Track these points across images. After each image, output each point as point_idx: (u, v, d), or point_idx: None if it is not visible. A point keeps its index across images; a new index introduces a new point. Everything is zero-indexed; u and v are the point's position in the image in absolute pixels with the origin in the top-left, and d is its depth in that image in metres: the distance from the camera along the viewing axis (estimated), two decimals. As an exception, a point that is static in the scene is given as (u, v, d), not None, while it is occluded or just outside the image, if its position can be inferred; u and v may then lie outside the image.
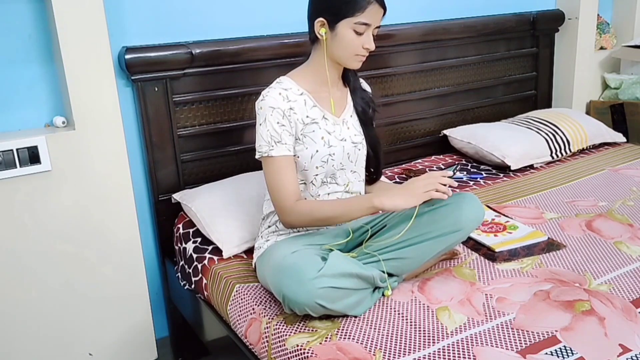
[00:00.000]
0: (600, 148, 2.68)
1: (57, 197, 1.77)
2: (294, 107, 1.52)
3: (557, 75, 3.04)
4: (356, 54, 1.53)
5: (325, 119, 1.58)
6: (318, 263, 1.37)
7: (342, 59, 1.55)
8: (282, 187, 1.50)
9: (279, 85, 1.54)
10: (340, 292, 1.34)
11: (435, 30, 2.54)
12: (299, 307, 1.33)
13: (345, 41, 1.50)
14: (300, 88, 1.56)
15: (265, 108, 1.50)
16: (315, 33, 1.53)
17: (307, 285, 1.31)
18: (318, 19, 1.51)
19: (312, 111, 1.56)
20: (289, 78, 1.58)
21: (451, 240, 1.50)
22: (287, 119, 1.51)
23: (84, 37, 1.72)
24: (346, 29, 1.49)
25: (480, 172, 2.41)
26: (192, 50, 1.97)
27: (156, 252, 2.15)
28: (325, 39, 1.52)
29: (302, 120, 1.54)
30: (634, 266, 1.58)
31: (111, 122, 1.81)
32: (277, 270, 1.40)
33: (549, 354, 1.22)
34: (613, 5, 3.27)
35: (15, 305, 1.77)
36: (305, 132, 1.54)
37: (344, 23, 1.48)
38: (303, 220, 1.52)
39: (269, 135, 1.49)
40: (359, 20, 1.48)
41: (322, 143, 1.55)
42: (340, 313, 1.37)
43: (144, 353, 2.02)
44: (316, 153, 1.55)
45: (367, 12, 1.48)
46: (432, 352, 1.25)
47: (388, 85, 2.50)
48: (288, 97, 1.52)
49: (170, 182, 2.06)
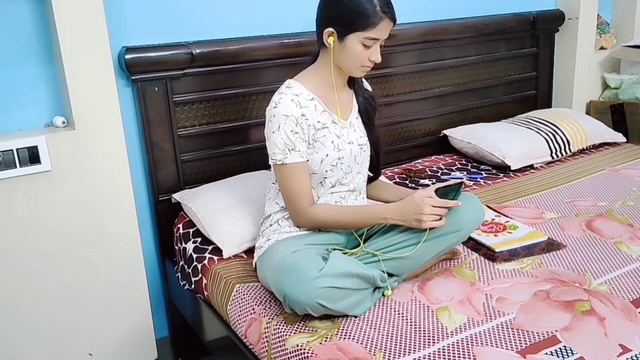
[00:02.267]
0: (600, 148, 2.68)
1: (57, 197, 1.77)
2: (306, 112, 1.52)
3: (557, 75, 3.04)
4: (362, 65, 1.53)
5: (334, 123, 1.58)
6: (319, 263, 1.38)
7: (347, 69, 1.55)
8: (296, 193, 1.52)
9: (290, 91, 1.53)
10: (341, 292, 1.34)
11: (435, 30, 2.54)
12: (299, 306, 1.34)
13: (352, 53, 1.50)
14: (310, 93, 1.56)
15: (278, 116, 1.49)
16: (323, 41, 1.52)
17: (308, 284, 1.32)
18: (327, 28, 1.49)
19: (322, 116, 1.56)
20: (298, 82, 1.57)
21: (451, 240, 1.51)
22: (300, 126, 1.51)
23: (84, 37, 1.71)
24: (355, 42, 1.48)
25: (480, 172, 2.41)
26: (192, 50, 1.96)
27: (156, 252, 2.15)
28: (332, 47, 1.51)
29: (313, 126, 1.54)
30: (634, 266, 1.58)
31: (111, 122, 1.81)
32: (278, 269, 1.41)
33: (549, 354, 1.22)
34: (613, 5, 3.27)
35: (16, 305, 1.77)
36: (316, 136, 1.55)
37: (354, 36, 1.47)
38: (317, 224, 1.56)
39: (282, 143, 1.49)
40: (369, 36, 1.47)
41: (332, 147, 1.56)
42: (340, 313, 1.37)
43: (144, 353, 2.02)
44: (326, 157, 1.55)
45: (377, 27, 1.46)
46: (432, 352, 1.25)
47: (388, 85, 2.50)
48: (300, 103, 1.52)
49: (170, 182, 2.06)
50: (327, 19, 1.50)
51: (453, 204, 1.45)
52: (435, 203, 1.44)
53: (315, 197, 1.59)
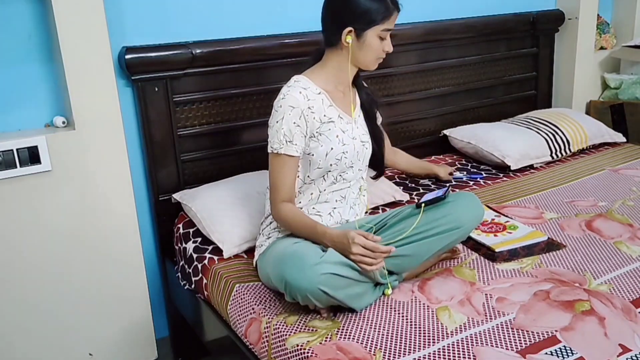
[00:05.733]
0: (600, 148, 2.67)
1: (57, 197, 1.77)
2: (313, 105, 1.56)
3: (557, 75, 3.04)
4: (378, 57, 1.61)
5: (340, 117, 1.62)
6: (319, 252, 1.41)
7: (365, 63, 1.61)
8: (278, 184, 1.56)
9: (298, 84, 1.57)
10: (342, 280, 1.36)
11: (435, 30, 2.54)
12: (301, 293, 1.34)
13: (372, 48, 1.57)
14: (318, 87, 1.59)
15: (285, 106, 1.53)
16: (341, 40, 1.56)
17: (308, 270, 1.33)
18: (347, 28, 1.54)
19: (329, 110, 1.59)
20: (305, 77, 1.61)
21: (451, 238, 1.52)
22: (304, 119, 1.54)
23: (84, 37, 1.72)
24: (373, 37, 1.55)
25: (480, 172, 2.41)
26: (193, 50, 1.96)
27: (156, 252, 2.15)
28: (350, 45, 1.56)
29: (319, 119, 1.57)
30: (634, 266, 1.58)
31: (111, 122, 1.81)
32: (279, 259, 1.43)
33: (549, 354, 1.22)
34: (613, 5, 3.27)
35: (15, 304, 1.77)
36: (321, 130, 1.57)
37: (372, 31, 1.54)
38: (281, 222, 1.58)
39: (282, 133, 1.52)
40: (385, 27, 1.55)
41: (337, 141, 1.59)
42: (342, 302, 1.37)
43: (144, 353, 2.02)
44: (331, 151, 1.57)
45: (391, 19, 1.55)
46: (432, 352, 1.26)
47: (388, 85, 2.50)
48: (307, 96, 1.55)
49: (171, 182, 2.06)
50: (345, 19, 1.55)
51: (386, 249, 1.39)
52: (365, 245, 1.38)
53: (316, 191, 1.62)
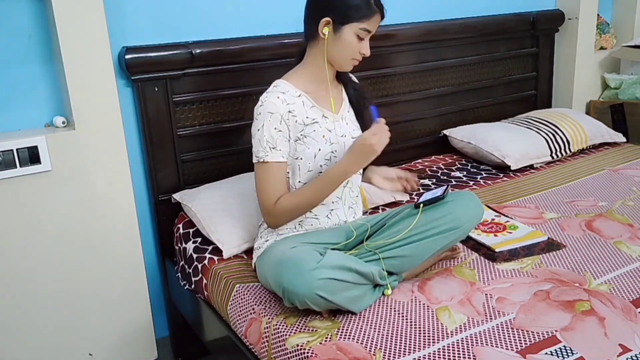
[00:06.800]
0: (600, 148, 2.68)
1: (57, 197, 1.77)
2: (293, 109, 1.54)
3: (557, 75, 3.04)
4: (352, 58, 1.57)
5: (324, 117, 1.59)
6: (317, 256, 1.39)
7: (339, 61, 1.57)
8: (267, 191, 1.54)
9: (277, 89, 1.56)
10: (340, 284, 1.35)
11: (435, 30, 2.54)
12: (298, 298, 1.33)
13: (346, 44, 1.53)
14: (298, 90, 1.58)
15: (263, 113, 1.52)
16: (318, 32, 1.53)
17: (306, 276, 1.32)
18: (324, 18, 1.52)
19: (311, 111, 1.58)
20: (284, 81, 1.59)
21: (450, 238, 1.52)
22: (284, 124, 1.52)
23: (84, 37, 1.72)
24: (350, 33, 1.52)
25: (480, 172, 2.42)
26: (192, 50, 1.96)
27: (156, 252, 2.15)
28: (327, 38, 1.53)
29: (302, 122, 1.55)
30: (634, 266, 1.58)
31: (111, 122, 1.81)
32: (277, 264, 1.42)
33: (549, 354, 1.22)
34: (613, 5, 3.27)
35: (16, 305, 1.77)
36: (305, 132, 1.55)
37: (349, 27, 1.51)
38: (288, 214, 1.56)
39: (265, 140, 1.51)
40: (364, 27, 1.52)
41: (323, 141, 1.57)
42: (340, 306, 1.37)
43: (144, 353, 2.02)
44: (319, 152, 1.56)
45: (372, 20, 1.52)
46: (432, 352, 1.25)
47: (388, 85, 2.50)
48: (286, 100, 1.54)
49: (170, 182, 2.06)
50: (324, 8, 1.52)
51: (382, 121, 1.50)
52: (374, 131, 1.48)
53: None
